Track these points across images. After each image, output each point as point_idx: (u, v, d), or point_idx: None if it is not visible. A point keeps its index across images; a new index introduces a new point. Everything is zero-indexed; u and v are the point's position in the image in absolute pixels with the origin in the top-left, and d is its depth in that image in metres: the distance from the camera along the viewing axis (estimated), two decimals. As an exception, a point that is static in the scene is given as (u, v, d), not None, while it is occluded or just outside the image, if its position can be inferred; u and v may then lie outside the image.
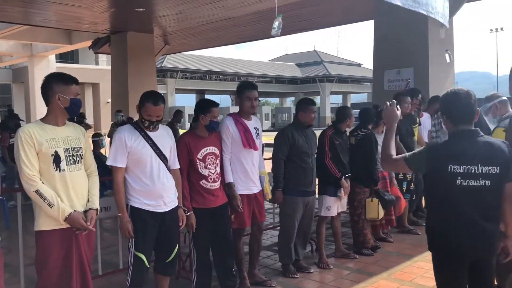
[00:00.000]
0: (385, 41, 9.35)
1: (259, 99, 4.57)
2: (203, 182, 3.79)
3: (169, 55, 31.92)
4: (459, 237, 2.49)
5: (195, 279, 3.89)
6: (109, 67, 15.96)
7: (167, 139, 3.51)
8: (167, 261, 3.53)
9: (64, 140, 2.91)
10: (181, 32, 13.14)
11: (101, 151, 7.68)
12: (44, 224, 2.86)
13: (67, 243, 2.88)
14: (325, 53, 59.62)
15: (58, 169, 2.85)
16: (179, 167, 3.64)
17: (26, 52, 22.71)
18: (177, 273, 4.41)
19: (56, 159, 2.84)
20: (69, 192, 2.89)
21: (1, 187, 4.16)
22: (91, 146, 3.29)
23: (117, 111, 11.51)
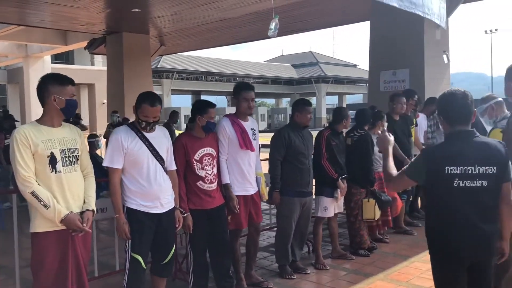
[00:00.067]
0: (381, 42, 9.38)
1: (255, 100, 4.56)
2: (200, 183, 3.78)
3: (165, 56, 31.87)
4: (459, 238, 2.50)
5: (191, 280, 3.88)
6: (104, 68, 15.92)
7: (163, 140, 3.50)
8: (164, 262, 3.52)
9: (60, 141, 2.89)
10: (177, 33, 13.13)
11: (97, 152, 7.66)
12: (40, 226, 2.84)
13: (63, 244, 2.87)
14: (321, 54, 59.79)
15: (54, 170, 2.83)
16: (176, 168, 3.63)
17: (21, 53, 22.61)
18: (174, 275, 4.40)
19: (52, 160, 2.83)
20: (65, 194, 2.87)
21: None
22: (87, 147, 3.27)
23: (113, 112, 11.47)
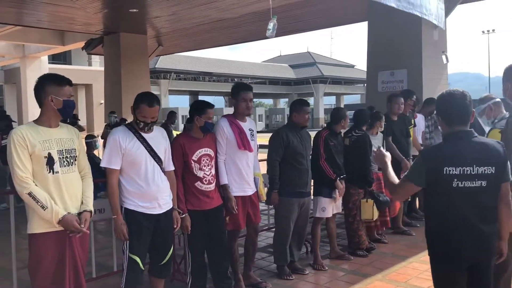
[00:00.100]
0: (379, 42, 9.39)
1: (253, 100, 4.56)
2: (198, 184, 3.77)
3: (162, 56, 31.88)
4: (459, 239, 2.49)
5: (190, 281, 3.87)
6: (102, 68, 15.89)
7: (161, 140, 3.48)
8: (162, 263, 3.51)
9: (58, 141, 2.88)
10: (174, 33, 13.12)
11: (95, 152, 7.64)
12: (37, 227, 2.82)
13: (60, 245, 2.85)
14: (319, 54, 59.80)
15: (51, 171, 2.82)
16: (174, 168, 3.62)
17: (18, 53, 22.59)
18: (172, 276, 4.39)
19: (50, 161, 2.81)
20: (62, 194, 2.86)
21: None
22: (84, 148, 3.26)
23: (111, 112, 11.46)
